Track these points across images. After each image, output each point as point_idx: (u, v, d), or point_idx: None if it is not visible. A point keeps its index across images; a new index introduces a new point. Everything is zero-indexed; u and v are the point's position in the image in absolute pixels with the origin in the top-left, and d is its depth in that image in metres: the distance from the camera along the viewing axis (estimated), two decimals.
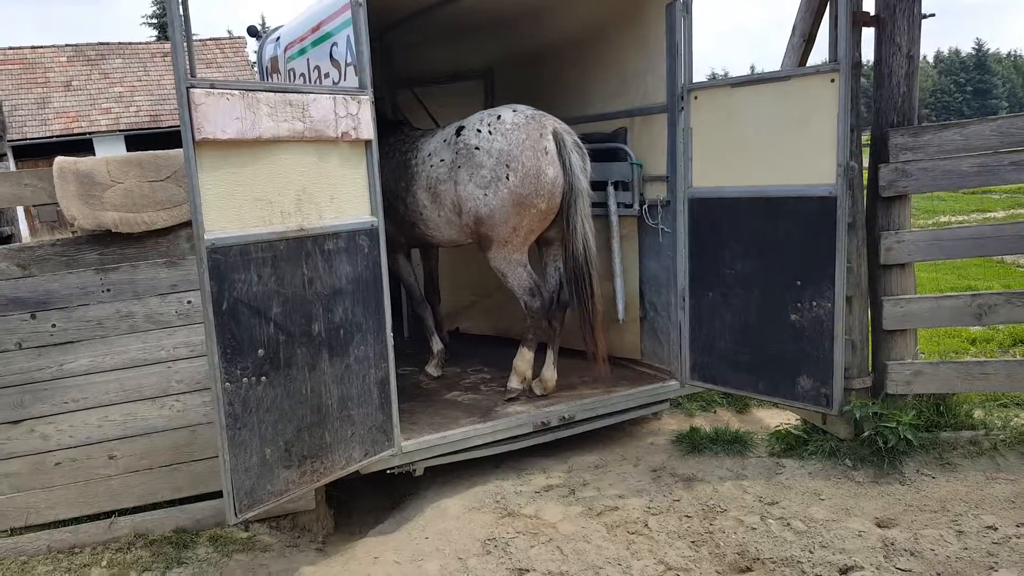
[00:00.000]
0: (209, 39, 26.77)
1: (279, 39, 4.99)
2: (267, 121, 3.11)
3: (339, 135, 3.39)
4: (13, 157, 21.16)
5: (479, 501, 4.00)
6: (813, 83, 3.88)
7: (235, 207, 3.07)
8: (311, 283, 3.35)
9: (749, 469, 4.18)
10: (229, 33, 29.20)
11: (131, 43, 24.72)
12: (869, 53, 4.20)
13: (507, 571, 3.38)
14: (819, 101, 3.84)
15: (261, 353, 3.19)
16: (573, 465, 4.39)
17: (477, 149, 4.15)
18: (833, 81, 3.79)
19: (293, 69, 4.66)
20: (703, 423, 4.89)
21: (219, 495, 3.34)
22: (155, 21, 45.73)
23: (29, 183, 3.59)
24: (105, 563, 3.70)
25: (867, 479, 3.94)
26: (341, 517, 4.41)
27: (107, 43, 24.74)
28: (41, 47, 24.14)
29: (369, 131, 3.52)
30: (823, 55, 4.09)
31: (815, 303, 3.97)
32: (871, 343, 4.34)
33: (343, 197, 3.47)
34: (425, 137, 4.61)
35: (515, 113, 4.19)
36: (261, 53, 5.36)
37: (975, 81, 77.48)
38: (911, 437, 3.92)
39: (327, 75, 4.08)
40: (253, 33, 5.44)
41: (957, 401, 4.29)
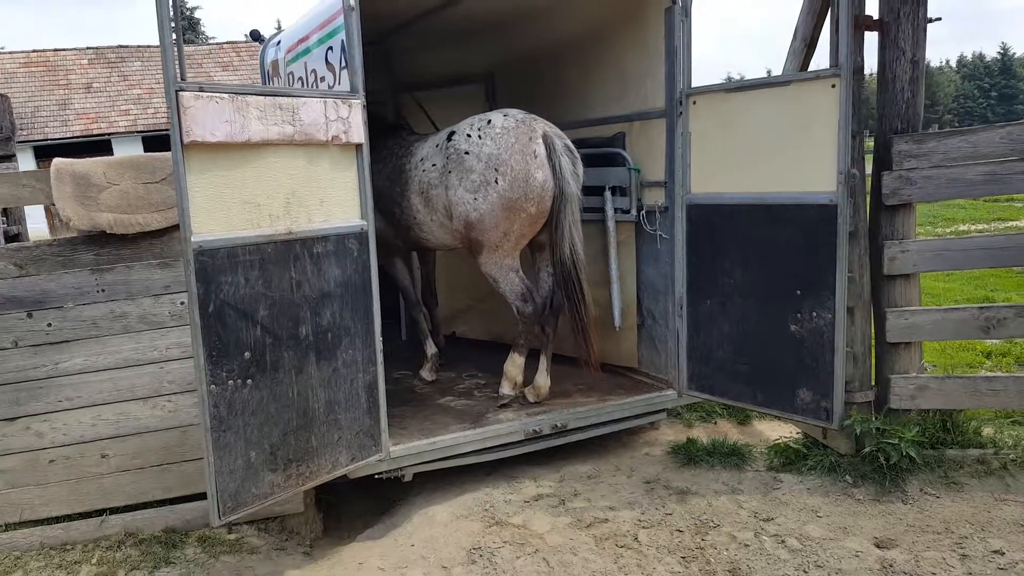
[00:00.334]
0: (226, 43, 27.15)
1: (280, 43, 5.01)
2: (256, 124, 3.11)
3: (329, 139, 3.38)
4: (35, 157, 21.59)
5: (468, 509, 3.96)
6: (813, 88, 3.81)
7: (223, 210, 3.07)
8: (299, 286, 3.34)
9: (745, 483, 4.10)
10: (246, 37, 29.51)
11: (150, 46, 25.08)
12: (873, 58, 4.13)
13: None
14: (820, 107, 3.77)
15: (247, 356, 3.18)
16: (565, 474, 4.33)
17: (467, 154, 4.13)
18: (834, 86, 3.71)
19: (292, 73, 4.67)
20: (701, 434, 4.81)
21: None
22: (174, 25, 46.44)
23: (27, 184, 3.63)
24: (95, 561, 3.71)
25: (867, 497, 3.84)
26: (331, 521, 4.39)
27: (126, 46, 25.16)
28: (64, 50, 24.60)
29: (360, 135, 3.50)
30: (827, 60, 4.01)
31: (815, 314, 3.89)
32: (874, 356, 4.24)
33: (333, 200, 3.46)
34: (420, 141, 4.60)
35: (505, 117, 4.16)
36: (263, 57, 5.39)
37: (1000, 86, 76.33)
38: (913, 454, 3.82)
39: (323, 79, 4.08)
40: (256, 37, 5.48)
41: (965, 418, 4.17)
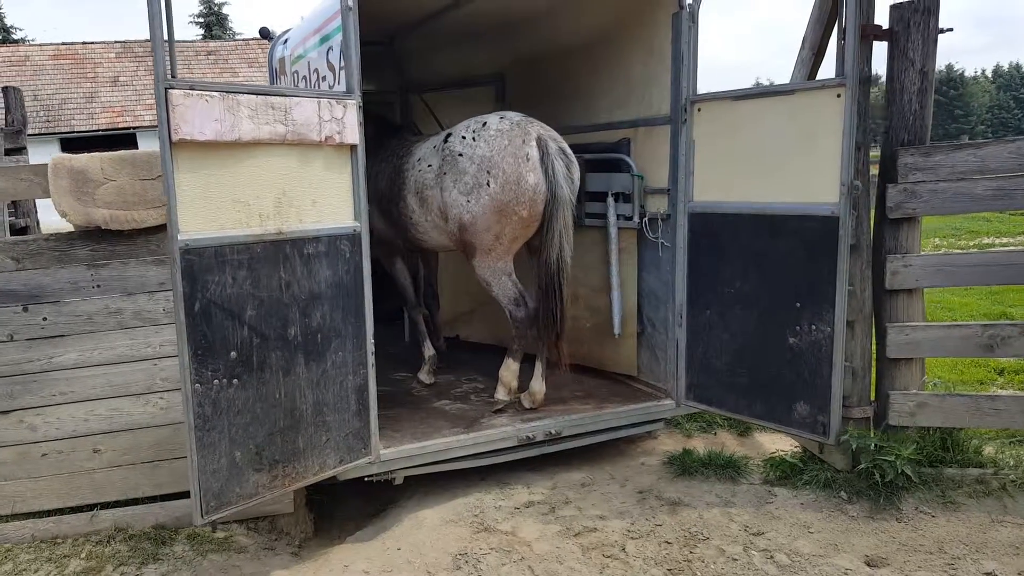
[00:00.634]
0: (252, 39, 27.35)
1: (287, 41, 5.02)
2: (248, 123, 3.11)
3: (323, 139, 3.37)
4: (61, 150, 21.91)
5: (457, 514, 3.94)
6: (819, 98, 3.73)
7: (212, 208, 3.07)
8: (288, 287, 3.33)
9: (739, 496, 4.03)
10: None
11: (179, 41, 25.31)
12: (883, 68, 4.04)
13: None
14: (824, 116, 3.70)
15: (233, 355, 3.18)
16: (558, 482, 4.29)
17: (461, 156, 4.10)
18: (839, 96, 3.64)
19: (297, 72, 4.68)
20: (700, 445, 4.74)
21: None
22: (202, 20, 46.99)
23: (25, 178, 3.66)
24: (84, 555, 3.73)
25: (861, 514, 3.77)
26: (324, 522, 4.38)
27: (151, 40, 25.40)
28: (92, 43, 24.95)
29: (354, 136, 3.49)
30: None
31: (814, 327, 3.82)
32: (875, 371, 4.16)
33: (325, 201, 3.45)
34: (420, 142, 4.58)
35: (501, 120, 4.13)
36: (271, 55, 5.40)
37: None
38: (909, 472, 3.74)
39: (324, 78, 4.08)
40: (265, 35, 5.49)
41: (966, 436, 4.07)
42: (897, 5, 3.93)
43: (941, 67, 71.11)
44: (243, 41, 28.31)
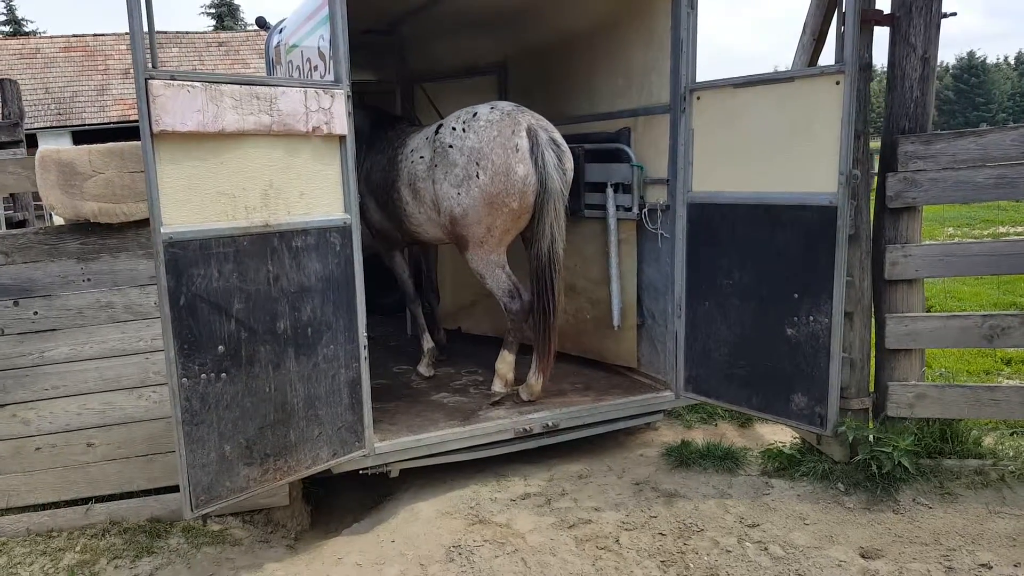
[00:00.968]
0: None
1: (283, 30, 4.97)
2: (231, 114, 3.07)
3: (310, 129, 3.33)
4: (72, 143, 22.02)
5: (452, 506, 3.92)
6: (817, 85, 3.66)
7: (196, 201, 3.04)
8: (276, 280, 3.30)
9: (735, 487, 3.99)
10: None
11: (188, 32, 25.36)
12: (884, 55, 3.95)
13: None
14: (823, 104, 3.62)
15: (221, 350, 3.16)
16: (556, 474, 4.26)
17: (451, 147, 4.05)
18: (838, 83, 3.56)
19: (291, 61, 4.63)
20: (699, 436, 4.70)
21: None
22: (213, 11, 46.97)
23: (12, 171, 3.64)
24: (79, 548, 3.74)
25: (858, 505, 3.71)
26: (322, 515, 4.38)
27: (164, 32, 25.41)
28: (103, 35, 24.94)
29: (343, 126, 3.44)
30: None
31: (812, 318, 3.76)
32: (874, 362, 4.09)
33: (314, 193, 3.41)
34: (414, 133, 4.53)
35: (491, 110, 4.07)
36: (268, 44, 5.36)
37: None
38: (907, 463, 3.68)
39: (316, 68, 4.03)
40: (262, 24, 5.45)
41: (965, 427, 4.01)
42: None
43: (962, 54, 69.89)
44: (254, 32, 28.23)
